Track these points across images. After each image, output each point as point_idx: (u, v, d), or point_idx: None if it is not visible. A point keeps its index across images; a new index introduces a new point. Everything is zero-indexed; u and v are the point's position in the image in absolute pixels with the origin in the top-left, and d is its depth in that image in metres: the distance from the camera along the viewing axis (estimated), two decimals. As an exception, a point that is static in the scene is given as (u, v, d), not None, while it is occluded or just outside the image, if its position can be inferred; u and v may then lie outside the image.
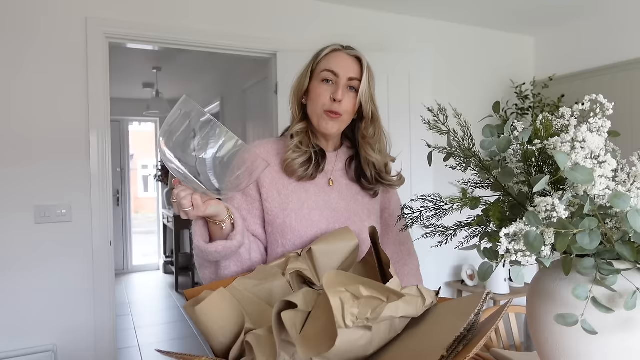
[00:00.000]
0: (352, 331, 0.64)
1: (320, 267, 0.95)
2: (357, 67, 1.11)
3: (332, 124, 1.10)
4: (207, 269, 1.03)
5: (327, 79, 1.10)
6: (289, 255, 0.99)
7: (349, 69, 1.10)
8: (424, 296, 0.73)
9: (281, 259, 0.99)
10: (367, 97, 1.12)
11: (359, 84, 1.11)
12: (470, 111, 1.01)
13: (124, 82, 4.98)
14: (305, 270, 0.94)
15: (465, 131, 0.83)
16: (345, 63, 1.11)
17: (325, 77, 1.10)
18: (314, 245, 0.98)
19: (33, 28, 2.14)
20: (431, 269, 2.74)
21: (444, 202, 0.84)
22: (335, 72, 1.10)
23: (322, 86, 1.10)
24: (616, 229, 0.69)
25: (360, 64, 1.12)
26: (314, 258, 0.96)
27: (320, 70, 1.12)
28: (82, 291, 2.24)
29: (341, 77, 1.09)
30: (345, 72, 1.10)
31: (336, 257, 0.97)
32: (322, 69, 1.11)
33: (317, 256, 0.96)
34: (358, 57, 1.12)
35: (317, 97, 1.10)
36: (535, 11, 2.96)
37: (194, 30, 2.46)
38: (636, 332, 0.68)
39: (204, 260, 1.01)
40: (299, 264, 0.95)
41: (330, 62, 1.11)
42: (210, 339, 0.78)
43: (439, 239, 0.87)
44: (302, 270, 0.94)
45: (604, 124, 0.74)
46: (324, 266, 0.95)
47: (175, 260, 5.31)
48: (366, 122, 1.15)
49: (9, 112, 2.11)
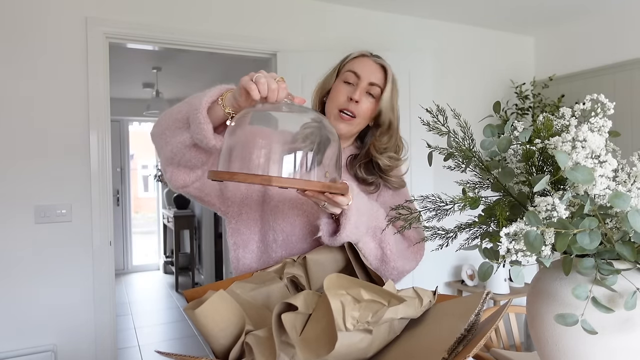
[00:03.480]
0: (352, 334, 0.64)
1: (313, 277, 0.96)
2: (381, 75, 1.13)
3: (342, 125, 1.11)
4: (176, 137, 0.97)
5: (348, 80, 1.12)
6: (285, 260, 1.00)
7: (372, 74, 1.12)
8: (421, 297, 0.73)
9: (278, 265, 1.00)
10: (388, 106, 1.13)
11: (379, 91, 1.12)
12: (470, 111, 1.01)
13: (124, 82, 4.98)
14: (301, 277, 0.96)
15: (465, 131, 0.83)
16: (370, 68, 1.12)
17: (347, 79, 1.12)
18: (309, 254, 0.99)
19: (33, 28, 2.14)
20: (431, 269, 2.74)
21: (443, 203, 0.84)
22: (358, 74, 1.11)
23: (343, 86, 1.12)
24: (616, 229, 0.69)
25: (385, 73, 1.13)
26: (308, 267, 0.97)
27: (344, 71, 1.14)
28: (82, 291, 2.24)
29: (362, 79, 1.11)
30: (367, 76, 1.11)
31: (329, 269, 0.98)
32: (346, 69, 1.14)
33: (310, 265, 0.97)
34: (383, 66, 1.14)
35: (336, 96, 1.12)
36: (535, 11, 2.96)
37: (194, 30, 2.46)
38: (636, 332, 0.68)
39: (184, 116, 0.95)
40: (295, 269, 0.96)
41: (355, 65, 1.13)
42: (211, 341, 0.78)
43: (439, 241, 0.87)
44: (297, 276, 0.95)
45: (605, 124, 0.74)
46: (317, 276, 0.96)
47: (175, 260, 5.31)
48: (381, 130, 1.15)
49: (9, 112, 2.11)
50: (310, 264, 0.96)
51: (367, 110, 1.12)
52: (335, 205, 0.92)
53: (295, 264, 0.98)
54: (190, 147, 0.97)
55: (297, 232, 1.10)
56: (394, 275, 1.06)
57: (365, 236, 0.99)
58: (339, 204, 0.91)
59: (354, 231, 0.95)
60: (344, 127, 1.12)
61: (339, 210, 0.94)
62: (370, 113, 1.13)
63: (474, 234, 0.82)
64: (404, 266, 1.08)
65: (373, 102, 1.12)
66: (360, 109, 1.11)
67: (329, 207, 0.94)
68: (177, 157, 0.99)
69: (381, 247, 1.02)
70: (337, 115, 1.11)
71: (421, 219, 0.89)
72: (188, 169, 1.03)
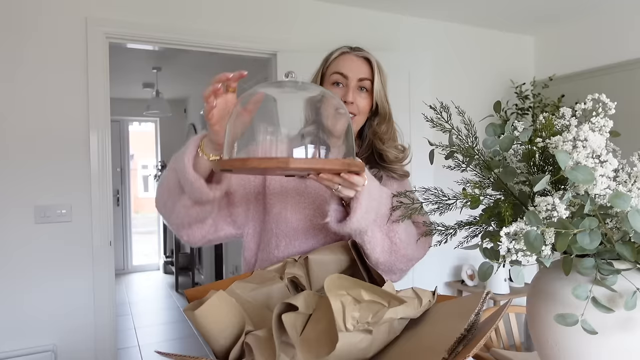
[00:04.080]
0: (353, 335, 0.64)
1: (314, 277, 0.95)
2: (367, 68, 1.11)
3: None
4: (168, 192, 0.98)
5: (337, 81, 1.11)
6: (286, 260, 0.99)
7: (358, 70, 1.10)
8: (420, 297, 0.73)
9: (278, 264, 0.99)
10: (382, 97, 1.12)
11: (370, 83, 1.11)
12: (470, 111, 1.00)
13: (124, 82, 4.98)
14: (301, 277, 0.94)
15: (469, 129, 0.83)
16: (355, 65, 1.11)
17: (336, 80, 1.11)
18: (311, 254, 0.97)
19: (33, 28, 2.14)
20: (431, 269, 2.74)
21: (447, 197, 0.84)
22: (345, 75, 1.10)
23: (333, 89, 1.11)
24: (616, 229, 0.69)
25: (370, 65, 1.12)
26: (310, 267, 0.96)
27: (330, 74, 1.12)
28: (82, 291, 2.24)
29: (350, 78, 1.10)
30: (355, 74, 1.10)
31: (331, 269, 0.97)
32: (331, 72, 1.12)
33: (312, 265, 0.95)
34: (367, 58, 1.12)
35: None
36: (535, 11, 2.96)
37: (194, 30, 2.46)
38: (636, 332, 0.68)
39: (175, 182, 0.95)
40: (296, 269, 0.95)
41: (339, 65, 1.11)
42: (211, 341, 0.78)
43: (438, 237, 0.87)
44: (298, 276, 0.94)
45: (606, 124, 0.74)
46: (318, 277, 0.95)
47: (175, 260, 5.31)
48: (380, 120, 1.15)
49: (9, 112, 2.11)
50: (312, 264, 0.95)
51: (365, 106, 1.11)
52: (351, 186, 0.86)
53: (297, 264, 0.97)
54: (194, 206, 0.97)
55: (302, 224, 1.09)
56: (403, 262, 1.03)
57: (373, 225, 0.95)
58: (355, 185, 0.86)
59: (364, 216, 0.91)
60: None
61: (353, 192, 0.88)
62: (368, 107, 1.12)
63: (474, 231, 0.82)
64: (413, 253, 1.04)
65: (367, 96, 1.11)
66: (357, 106, 1.10)
67: (343, 191, 0.87)
68: (186, 219, 1.00)
69: (389, 236, 0.98)
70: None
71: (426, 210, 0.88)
72: (200, 223, 1.03)
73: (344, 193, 0.88)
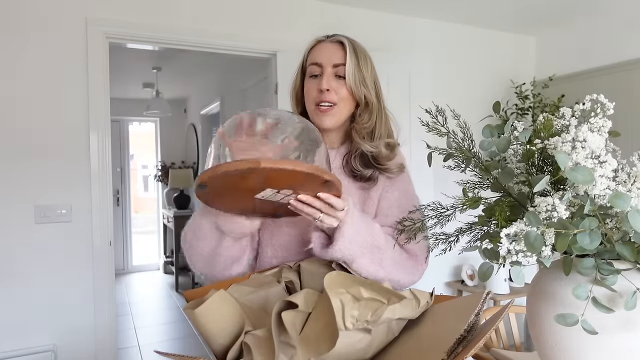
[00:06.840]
0: (352, 333, 0.64)
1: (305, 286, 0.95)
2: (341, 52, 1.05)
3: (324, 117, 1.04)
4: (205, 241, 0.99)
5: (314, 73, 1.06)
6: (282, 266, 0.99)
7: (332, 56, 1.05)
8: (418, 298, 0.73)
9: (275, 269, 0.99)
10: (357, 81, 1.04)
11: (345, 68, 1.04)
12: (470, 111, 1.01)
13: (124, 82, 4.98)
14: (296, 284, 0.94)
15: (464, 132, 0.83)
16: (328, 51, 1.06)
17: (312, 72, 1.06)
18: (303, 263, 0.97)
19: (33, 28, 2.14)
20: (431, 269, 2.73)
21: (444, 209, 0.84)
22: (319, 63, 1.05)
23: (311, 81, 1.06)
24: (616, 229, 0.69)
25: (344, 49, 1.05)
26: (302, 275, 0.96)
27: (308, 67, 1.08)
28: (82, 291, 2.24)
29: (325, 65, 1.04)
30: (328, 60, 1.04)
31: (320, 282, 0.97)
32: (309, 64, 1.08)
33: (304, 274, 0.95)
34: (341, 42, 1.06)
35: (308, 93, 1.07)
36: (536, 11, 2.96)
37: (194, 30, 2.46)
38: (636, 332, 0.68)
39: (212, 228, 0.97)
40: (291, 275, 0.95)
41: (314, 55, 1.07)
42: (210, 341, 0.78)
43: (442, 246, 0.87)
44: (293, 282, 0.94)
45: (605, 124, 0.74)
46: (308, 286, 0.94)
47: (176, 260, 5.31)
48: (360, 108, 1.07)
49: (9, 112, 2.11)
50: (304, 273, 0.95)
51: (345, 93, 1.04)
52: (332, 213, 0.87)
53: (292, 270, 0.97)
54: (234, 245, 0.99)
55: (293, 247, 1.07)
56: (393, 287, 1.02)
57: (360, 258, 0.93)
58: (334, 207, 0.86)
59: (347, 246, 0.90)
60: (328, 119, 1.05)
61: (335, 222, 0.89)
62: (348, 94, 1.05)
63: (476, 236, 0.82)
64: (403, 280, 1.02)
65: (344, 82, 1.04)
66: (335, 94, 1.04)
67: (325, 220, 0.88)
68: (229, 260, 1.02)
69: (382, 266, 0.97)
70: (315, 110, 1.05)
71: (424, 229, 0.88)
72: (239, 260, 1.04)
73: (327, 222, 0.88)
